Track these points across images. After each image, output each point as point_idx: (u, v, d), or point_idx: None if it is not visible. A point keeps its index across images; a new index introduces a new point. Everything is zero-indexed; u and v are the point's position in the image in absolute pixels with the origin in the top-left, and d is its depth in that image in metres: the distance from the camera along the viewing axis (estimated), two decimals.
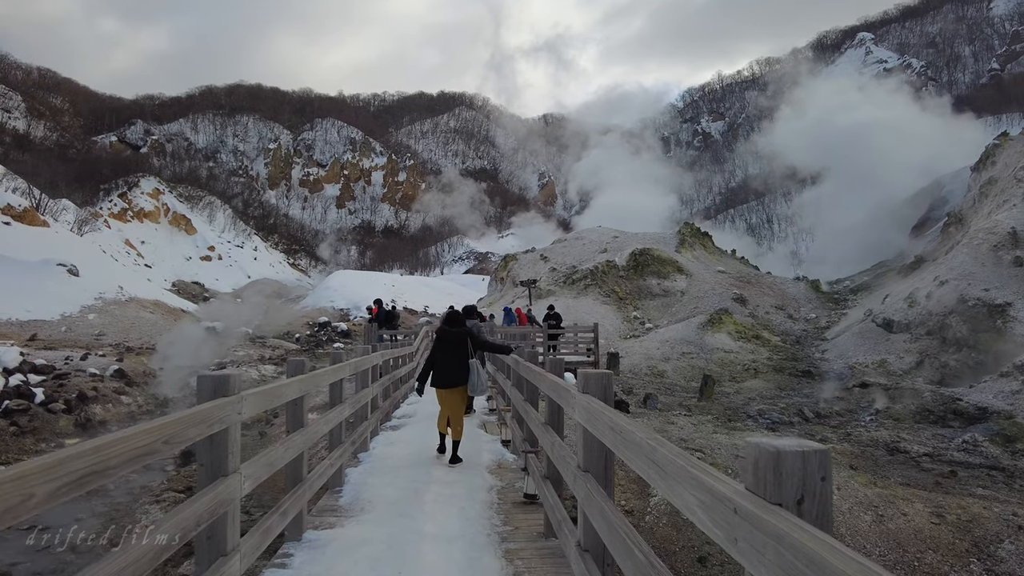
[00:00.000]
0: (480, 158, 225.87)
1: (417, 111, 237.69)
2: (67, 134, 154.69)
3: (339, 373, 5.52)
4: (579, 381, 3.09)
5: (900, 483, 10.91)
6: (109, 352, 29.39)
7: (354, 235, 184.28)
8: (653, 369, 22.84)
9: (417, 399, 13.06)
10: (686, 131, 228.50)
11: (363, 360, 6.81)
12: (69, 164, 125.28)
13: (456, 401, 7.07)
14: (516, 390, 6.86)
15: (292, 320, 50.92)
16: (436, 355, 7.23)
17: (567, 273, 37.64)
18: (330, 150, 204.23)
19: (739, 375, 22.67)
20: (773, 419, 16.97)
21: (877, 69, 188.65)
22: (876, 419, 17.09)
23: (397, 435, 8.53)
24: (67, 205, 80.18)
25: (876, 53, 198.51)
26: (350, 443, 6.06)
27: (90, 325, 38.57)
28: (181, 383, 24.99)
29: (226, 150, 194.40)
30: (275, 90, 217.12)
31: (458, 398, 7.09)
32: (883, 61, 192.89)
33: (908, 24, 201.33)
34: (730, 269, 39.03)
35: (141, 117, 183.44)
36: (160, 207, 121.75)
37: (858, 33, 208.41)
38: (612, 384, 3.08)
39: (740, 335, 26.78)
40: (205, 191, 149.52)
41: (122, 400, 20.03)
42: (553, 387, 3.86)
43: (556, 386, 3.76)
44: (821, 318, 32.34)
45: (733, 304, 31.74)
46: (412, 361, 15.10)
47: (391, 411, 10.60)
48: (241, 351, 34.41)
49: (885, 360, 22.48)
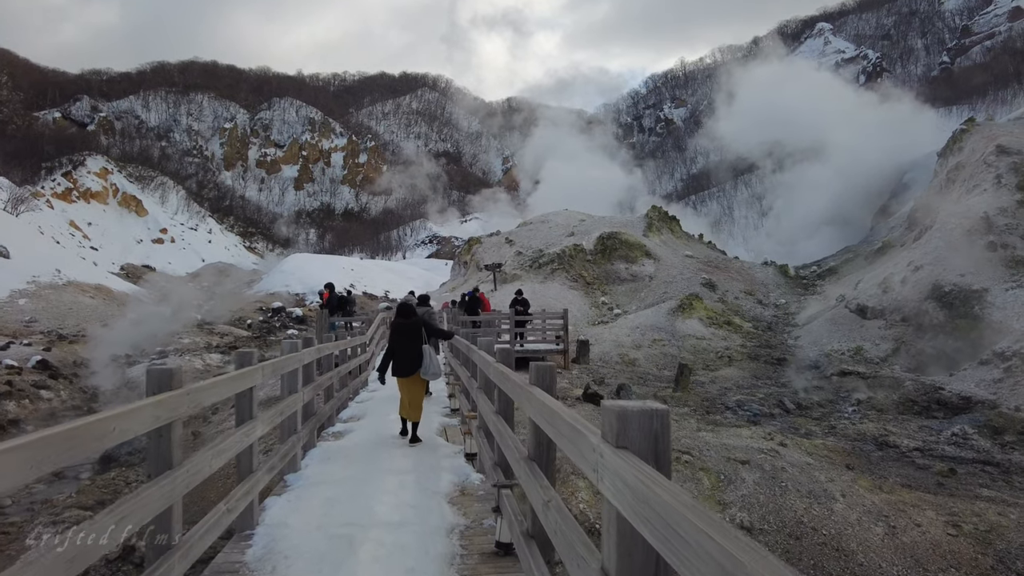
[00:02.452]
0: (443, 140, 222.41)
1: (379, 92, 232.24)
2: (5, 109, 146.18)
3: (244, 381, 4.09)
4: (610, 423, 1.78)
5: (901, 484, 9.97)
6: (38, 340, 27.02)
7: (313, 218, 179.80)
8: (624, 357, 21.78)
9: (369, 395, 11.64)
10: (649, 117, 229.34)
11: (287, 360, 5.36)
12: (7, 141, 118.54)
13: (415, 388, 7.52)
14: (484, 396, 5.52)
15: (244, 305, 48.49)
16: (394, 346, 7.63)
17: (533, 257, 36.40)
18: (288, 130, 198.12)
19: (713, 363, 21.79)
20: (753, 411, 16.04)
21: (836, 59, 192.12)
22: (859, 410, 16.34)
23: (339, 446, 7.08)
24: (4, 183, 75.27)
25: (834, 43, 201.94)
26: (266, 469, 4.63)
27: (20, 311, 35.72)
28: (117, 374, 22.98)
29: (179, 129, 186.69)
30: (231, 68, 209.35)
31: (417, 385, 7.56)
32: (841, 51, 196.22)
33: (864, 16, 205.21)
34: (698, 254, 38.32)
35: (88, 93, 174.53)
36: (109, 187, 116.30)
37: (817, 23, 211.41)
38: (667, 439, 1.78)
39: (711, 321, 25.96)
40: (157, 171, 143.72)
41: (42, 395, 18.00)
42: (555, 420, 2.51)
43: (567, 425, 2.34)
44: (791, 303, 31.83)
45: (702, 289, 30.95)
46: (366, 352, 13.62)
47: (337, 412, 9.13)
48: (187, 338, 32.23)
49: (861, 347, 21.87)
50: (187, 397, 3.03)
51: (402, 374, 7.46)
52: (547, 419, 2.63)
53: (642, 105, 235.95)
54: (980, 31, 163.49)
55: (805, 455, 10.75)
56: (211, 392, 3.44)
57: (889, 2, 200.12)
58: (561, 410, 2.43)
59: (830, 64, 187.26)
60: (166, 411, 2.80)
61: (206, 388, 3.34)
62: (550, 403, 2.67)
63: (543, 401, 2.77)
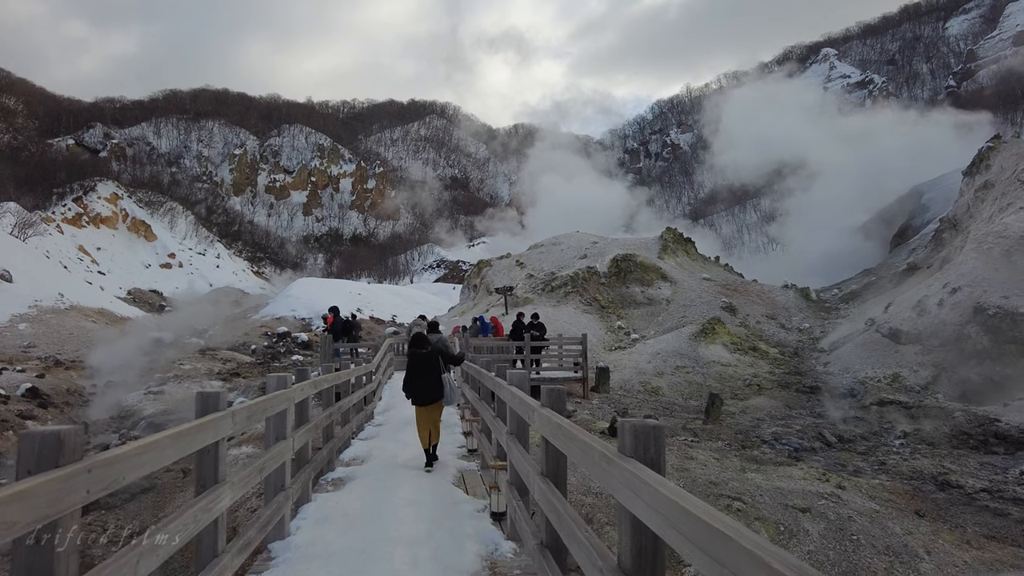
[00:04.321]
0: (450, 166, 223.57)
1: (387, 119, 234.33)
2: (20, 136, 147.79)
3: (202, 435, 2.97)
4: None
5: (985, 535, 8.67)
6: (33, 367, 26.00)
7: (321, 243, 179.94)
8: (646, 385, 20.50)
9: (375, 430, 10.48)
10: (655, 142, 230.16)
11: (273, 400, 4.24)
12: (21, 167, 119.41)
13: (434, 416, 7.68)
14: (518, 445, 4.38)
15: (249, 330, 47.46)
16: (412, 375, 7.77)
17: (545, 280, 35.27)
18: (297, 156, 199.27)
19: (741, 391, 20.48)
20: (792, 445, 14.74)
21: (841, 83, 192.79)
22: (907, 444, 15.00)
23: (339, 500, 5.89)
24: (14, 208, 75.13)
25: (840, 68, 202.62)
26: (238, 550, 3.48)
27: (19, 335, 34.90)
28: (111, 403, 21.88)
29: (190, 155, 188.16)
30: (242, 95, 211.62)
31: (435, 413, 7.72)
32: (846, 76, 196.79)
33: (869, 41, 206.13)
34: (715, 276, 37.12)
35: (101, 120, 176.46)
36: (118, 212, 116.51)
37: (822, 49, 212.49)
38: None
39: (736, 347, 24.67)
40: (167, 197, 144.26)
41: (27, 426, 16.88)
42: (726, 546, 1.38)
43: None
44: (815, 328, 30.50)
45: (723, 313, 29.70)
46: (372, 382, 12.48)
47: (336, 455, 7.97)
48: (188, 364, 31.13)
49: (898, 374, 20.53)
50: (85, 478, 1.92)
51: (420, 403, 7.65)
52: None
53: (648, 131, 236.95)
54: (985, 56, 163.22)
55: (867, 499, 9.47)
56: (137, 461, 2.30)
57: (893, 28, 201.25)
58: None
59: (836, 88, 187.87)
60: (43, 507, 1.69)
61: (128, 457, 2.21)
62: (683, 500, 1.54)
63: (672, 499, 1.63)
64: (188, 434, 2.80)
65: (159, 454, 2.48)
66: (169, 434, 2.61)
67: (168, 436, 2.59)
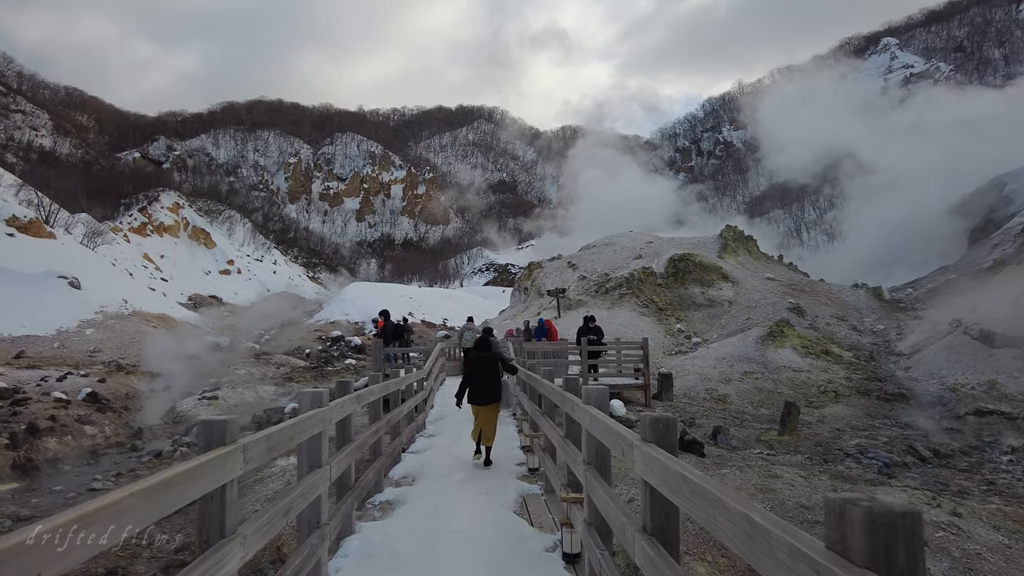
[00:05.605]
0: (499, 170, 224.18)
1: (436, 125, 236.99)
2: (92, 151, 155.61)
3: (198, 484, 2.21)
4: None
5: None
6: (96, 371, 26.51)
7: (373, 248, 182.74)
8: (712, 393, 19.22)
9: (428, 442, 9.75)
10: (708, 140, 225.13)
11: (305, 422, 3.49)
12: (92, 180, 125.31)
13: (490, 416, 8.11)
14: (599, 479, 3.50)
15: (304, 334, 47.93)
16: (471, 376, 8.23)
17: (599, 281, 34.16)
18: (350, 164, 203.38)
19: (816, 399, 18.97)
20: (881, 459, 13.32)
21: (904, 73, 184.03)
22: (1016, 460, 13.38)
23: (385, 531, 5.10)
24: (85, 219, 78.57)
25: (902, 58, 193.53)
26: None
27: (86, 340, 35.94)
28: (166, 408, 21.98)
29: (247, 165, 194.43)
30: (296, 105, 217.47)
31: (492, 413, 8.13)
32: (909, 66, 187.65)
33: (934, 28, 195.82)
34: (779, 276, 35.25)
35: (164, 133, 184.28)
36: (180, 221, 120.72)
37: (882, 39, 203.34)
38: None
39: (807, 351, 23.05)
40: (225, 205, 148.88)
41: (86, 431, 16.93)
42: None
43: None
44: (890, 329, 28.41)
45: (790, 315, 27.96)
46: (423, 389, 11.77)
47: (386, 472, 7.23)
48: (243, 369, 31.35)
49: (994, 380, 18.63)
50: None
51: (478, 403, 8.11)
52: None
53: (700, 128, 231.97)
54: None
55: (991, 529, 8.17)
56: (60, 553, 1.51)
57: (961, 13, 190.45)
58: None
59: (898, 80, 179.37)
60: None
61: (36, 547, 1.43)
62: None
63: None
64: (171, 485, 2.03)
65: (116, 523, 1.71)
66: (138, 490, 1.84)
67: (136, 494, 1.82)
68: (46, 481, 13.67)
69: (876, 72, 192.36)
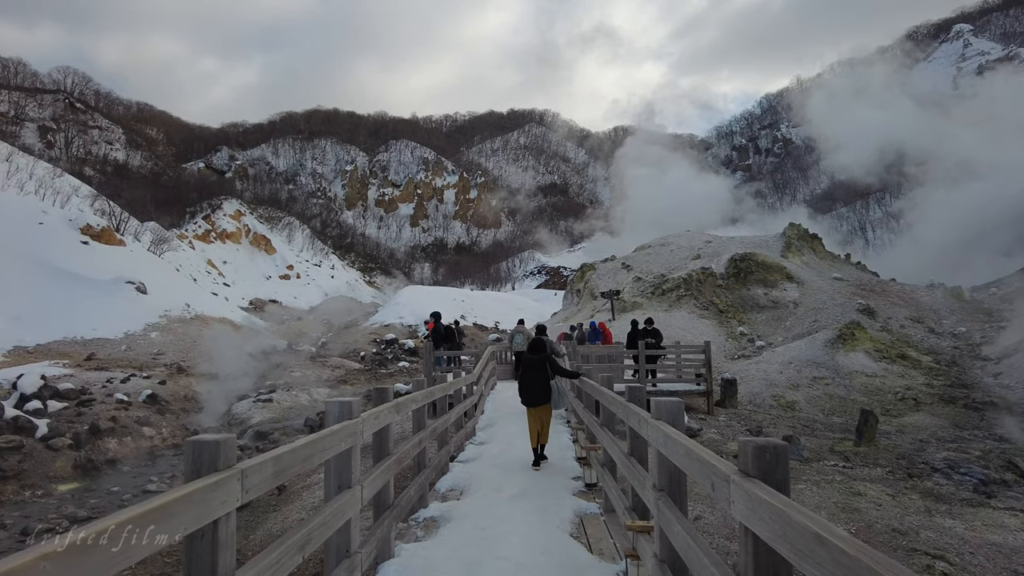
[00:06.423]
0: (550, 172, 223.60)
1: (488, 129, 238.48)
2: (160, 162, 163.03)
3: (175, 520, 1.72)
4: None
5: None
6: (158, 373, 27.25)
7: (427, 252, 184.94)
8: (780, 399, 18.09)
9: (478, 451, 9.25)
10: (765, 137, 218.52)
11: (331, 436, 3.00)
12: (161, 190, 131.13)
13: (542, 418, 8.14)
14: (673, 508, 2.89)
15: (359, 337, 48.47)
16: (523, 376, 8.31)
17: (655, 283, 33.11)
18: (404, 170, 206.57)
19: (894, 407, 17.60)
20: (975, 475, 12.08)
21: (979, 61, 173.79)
22: None
23: (427, 556, 4.54)
24: (152, 226, 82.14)
25: (976, 45, 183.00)
26: None
27: (151, 343, 37.14)
28: (221, 411, 22.27)
29: (305, 173, 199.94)
30: (351, 114, 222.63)
31: (543, 415, 8.17)
32: (985, 53, 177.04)
33: (1013, 12, 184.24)
34: (847, 276, 33.40)
35: (227, 144, 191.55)
36: (241, 228, 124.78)
37: (954, 26, 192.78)
38: None
39: (881, 355, 21.54)
40: (285, 212, 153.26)
41: (144, 432, 17.21)
42: None
43: None
44: (973, 332, 26.38)
45: (861, 317, 26.32)
46: (472, 394, 11.29)
47: (431, 485, 6.75)
48: (298, 371, 31.74)
49: None
50: None
51: (530, 404, 8.16)
52: None
53: (757, 126, 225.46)
54: None
55: None
56: None
57: None
58: None
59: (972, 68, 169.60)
60: None
61: None
62: None
63: None
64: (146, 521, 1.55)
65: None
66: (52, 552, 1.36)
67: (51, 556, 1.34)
68: (105, 481, 13.86)
69: (948, 61, 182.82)
